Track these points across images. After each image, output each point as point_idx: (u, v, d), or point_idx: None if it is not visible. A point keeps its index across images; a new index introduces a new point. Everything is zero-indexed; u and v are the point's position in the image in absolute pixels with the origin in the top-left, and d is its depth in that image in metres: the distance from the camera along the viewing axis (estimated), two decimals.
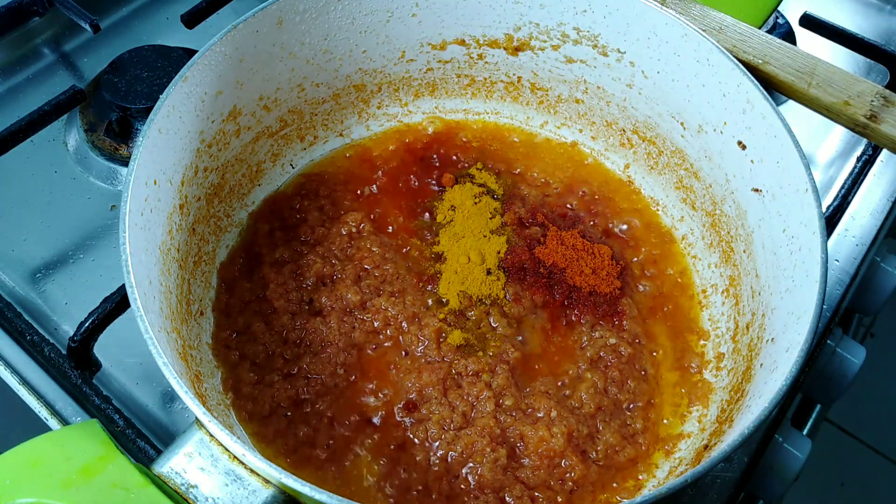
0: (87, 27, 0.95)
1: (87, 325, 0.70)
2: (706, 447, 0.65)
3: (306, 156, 0.85)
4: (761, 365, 0.64)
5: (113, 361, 0.75)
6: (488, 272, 0.78)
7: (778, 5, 0.81)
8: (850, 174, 0.92)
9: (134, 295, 0.55)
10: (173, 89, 0.65)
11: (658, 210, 0.84)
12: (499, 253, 0.79)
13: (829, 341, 0.86)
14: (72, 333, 0.70)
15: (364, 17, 0.80)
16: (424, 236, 0.80)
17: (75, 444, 0.53)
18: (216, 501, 0.52)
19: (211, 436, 0.53)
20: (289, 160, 0.84)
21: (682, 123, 0.79)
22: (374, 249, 0.77)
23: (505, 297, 0.76)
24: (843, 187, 0.90)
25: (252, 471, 0.52)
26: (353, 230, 0.79)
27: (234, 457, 0.53)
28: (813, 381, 0.87)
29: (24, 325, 0.75)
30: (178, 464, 0.53)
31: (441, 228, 0.81)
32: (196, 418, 0.53)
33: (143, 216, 0.61)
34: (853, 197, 0.91)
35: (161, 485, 0.52)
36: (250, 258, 0.77)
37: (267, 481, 0.52)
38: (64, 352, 0.72)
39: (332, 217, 0.80)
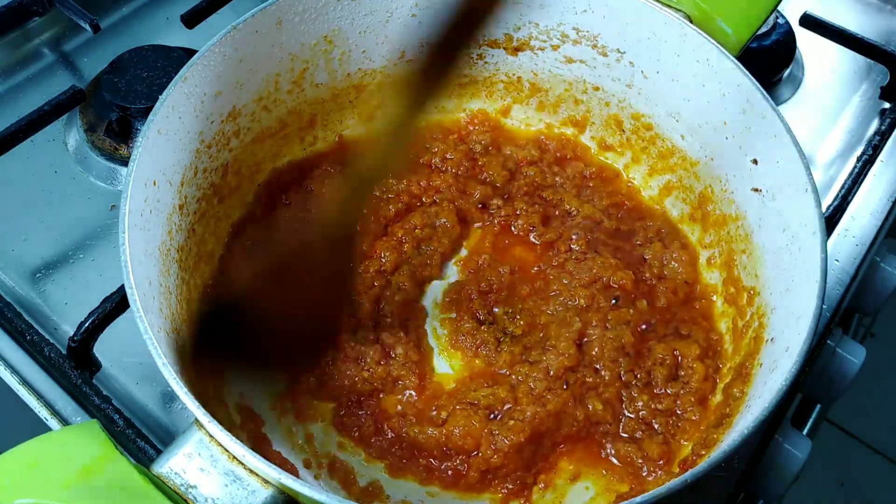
0: (87, 27, 0.95)
1: (87, 325, 0.70)
2: (707, 444, 0.65)
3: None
4: (761, 365, 0.64)
5: (113, 361, 0.75)
6: None
7: (778, 4, 0.81)
8: (850, 174, 0.91)
9: (134, 296, 0.55)
10: (173, 90, 0.65)
11: (658, 210, 0.84)
12: None
13: (829, 341, 0.86)
14: (72, 333, 0.71)
15: (364, 18, 0.79)
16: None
17: (75, 445, 0.53)
18: (216, 501, 0.52)
19: (210, 436, 0.53)
20: (289, 161, 0.84)
21: (682, 123, 0.79)
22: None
23: None
24: (843, 187, 0.90)
25: (251, 471, 0.52)
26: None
27: (234, 457, 0.53)
28: (813, 381, 0.87)
29: (24, 325, 0.75)
30: (178, 464, 0.53)
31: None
32: (195, 419, 0.53)
33: (142, 217, 0.61)
34: (853, 197, 0.91)
35: (160, 485, 0.52)
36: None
37: (266, 481, 0.52)
38: (64, 352, 0.72)
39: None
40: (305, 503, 0.51)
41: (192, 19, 0.94)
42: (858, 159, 0.93)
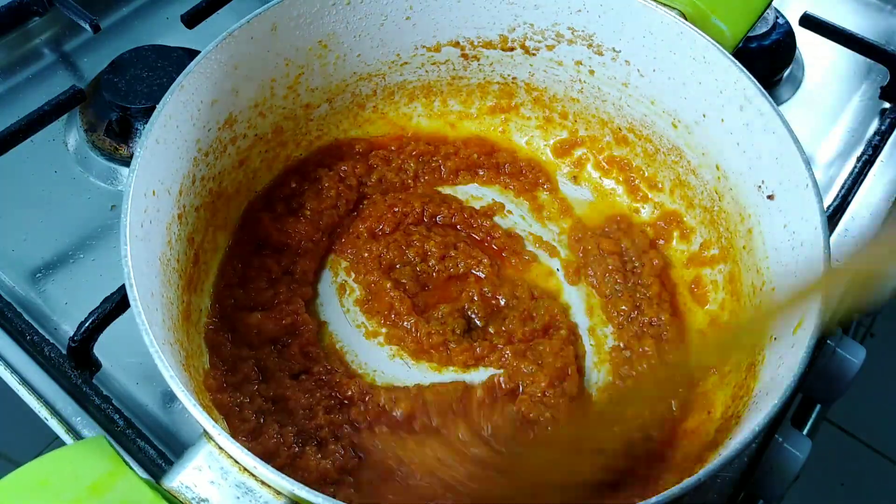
0: (87, 27, 0.95)
1: (87, 325, 0.70)
2: (714, 444, 0.65)
3: None
4: (766, 361, 0.64)
5: (113, 361, 0.75)
6: None
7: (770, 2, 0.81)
8: (850, 174, 0.91)
9: (138, 308, 0.55)
10: (170, 99, 0.65)
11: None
12: None
13: (829, 341, 0.86)
14: (72, 333, 0.71)
15: (358, 22, 0.79)
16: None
17: (83, 462, 0.52)
18: None
19: (220, 448, 0.52)
20: (285, 166, 0.83)
21: (678, 121, 0.79)
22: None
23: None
24: (843, 187, 0.90)
25: (263, 482, 0.52)
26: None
27: (245, 469, 0.52)
28: (813, 381, 0.87)
29: (24, 325, 0.75)
30: (188, 478, 0.52)
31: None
32: (204, 431, 0.52)
33: (142, 228, 0.61)
34: (853, 197, 0.91)
35: (171, 499, 0.51)
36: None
37: (278, 492, 0.52)
38: (64, 352, 0.72)
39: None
40: None
41: (192, 19, 0.94)
42: (858, 159, 0.93)
